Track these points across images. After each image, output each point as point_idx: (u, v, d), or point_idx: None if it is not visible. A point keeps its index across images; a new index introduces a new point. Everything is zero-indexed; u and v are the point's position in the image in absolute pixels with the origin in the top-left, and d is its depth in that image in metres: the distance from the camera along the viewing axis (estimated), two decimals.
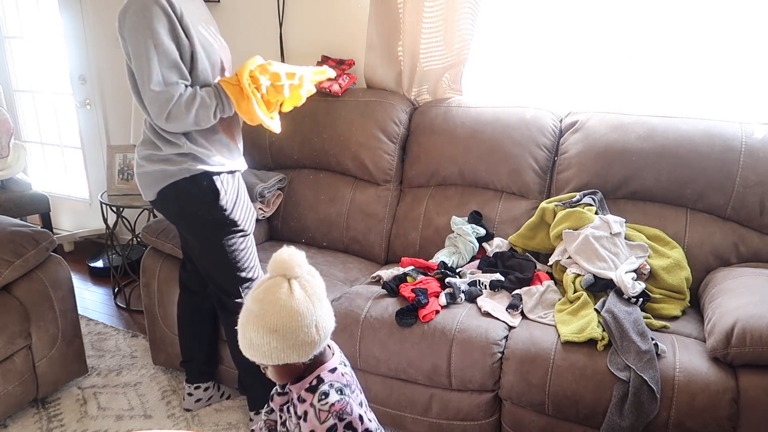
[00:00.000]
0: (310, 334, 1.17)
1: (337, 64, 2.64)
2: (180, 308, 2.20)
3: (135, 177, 1.93)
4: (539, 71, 2.54)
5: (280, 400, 1.30)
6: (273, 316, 1.15)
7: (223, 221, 1.86)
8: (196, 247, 1.96)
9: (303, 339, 1.17)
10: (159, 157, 1.81)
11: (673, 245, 2.06)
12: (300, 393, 1.21)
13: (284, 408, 1.30)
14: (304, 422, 1.18)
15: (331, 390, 1.19)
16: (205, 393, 2.23)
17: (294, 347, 1.16)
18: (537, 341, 1.78)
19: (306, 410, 1.19)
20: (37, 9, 3.60)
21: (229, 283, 1.94)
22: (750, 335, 1.57)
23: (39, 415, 2.20)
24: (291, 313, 1.16)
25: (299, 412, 1.20)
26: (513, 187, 2.35)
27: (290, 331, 1.15)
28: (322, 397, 1.18)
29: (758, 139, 2.05)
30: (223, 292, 1.97)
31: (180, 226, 1.97)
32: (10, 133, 3.28)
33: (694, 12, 2.24)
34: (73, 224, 3.95)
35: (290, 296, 1.16)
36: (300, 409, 1.20)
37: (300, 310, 1.16)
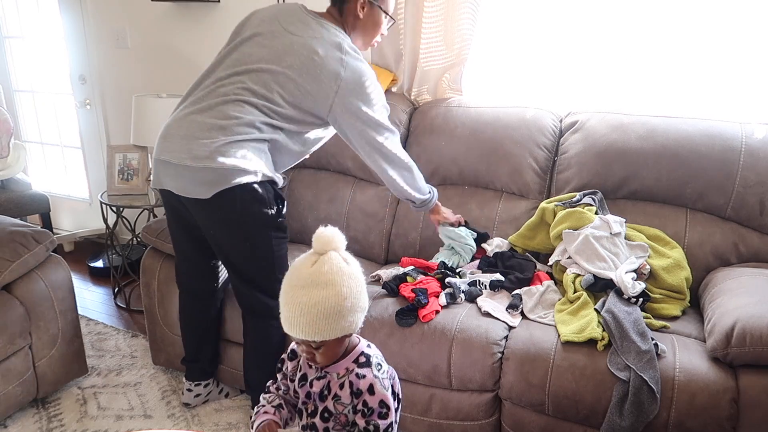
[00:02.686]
0: (366, 299, 1.25)
1: None
2: (181, 310, 2.18)
3: (179, 170, 1.77)
4: (539, 71, 2.54)
5: (319, 384, 1.29)
6: (341, 285, 1.19)
7: (279, 226, 1.90)
8: (241, 250, 1.89)
9: (363, 304, 1.23)
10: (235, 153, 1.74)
11: (673, 245, 2.06)
12: (355, 370, 1.26)
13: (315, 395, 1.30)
14: (370, 395, 1.24)
15: (382, 361, 1.30)
16: (205, 389, 2.23)
17: (359, 312, 1.22)
18: (537, 341, 1.78)
19: (371, 383, 1.25)
20: (37, 9, 3.60)
21: (268, 281, 1.90)
22: (750, 335, 1.57)
23: (39, 415, 2.20)
24: (354, 278, 1.22)
25: (362, 387, 1.25)
26: (513, 187, 2.35)
27: (356, 296, 1.21)
28: (379, 368, 1.28)
29: (758, 139, 2.05)
30: (258, 290, 1.93)
31: (230, 229, 1.85)
32: (10, 133, 3.28)
33: (694, 12, 2.24)
34: (73, 224, 3.96)
35: (347, 264, 1.23)
36: (363, 384, 1.25)
37: (358, 275, 1.23)
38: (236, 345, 2.18)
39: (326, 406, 1.28)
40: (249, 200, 1.80)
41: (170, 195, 1.86)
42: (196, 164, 1.74)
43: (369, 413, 1.25)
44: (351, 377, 1.26)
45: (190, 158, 1.74)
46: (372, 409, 1.25)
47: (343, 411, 1.27)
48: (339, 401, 1.27)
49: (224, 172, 1.74)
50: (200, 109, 1.80)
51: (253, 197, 1.80)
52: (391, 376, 1.32)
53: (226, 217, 1.82)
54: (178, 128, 1.81)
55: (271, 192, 1.86)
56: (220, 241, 1.90)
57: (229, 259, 1.94)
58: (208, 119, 1.77)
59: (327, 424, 1.28)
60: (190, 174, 1.76)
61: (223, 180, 1.74)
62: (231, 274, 1.98)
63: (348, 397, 1.26)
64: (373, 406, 1.25)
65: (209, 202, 1.77)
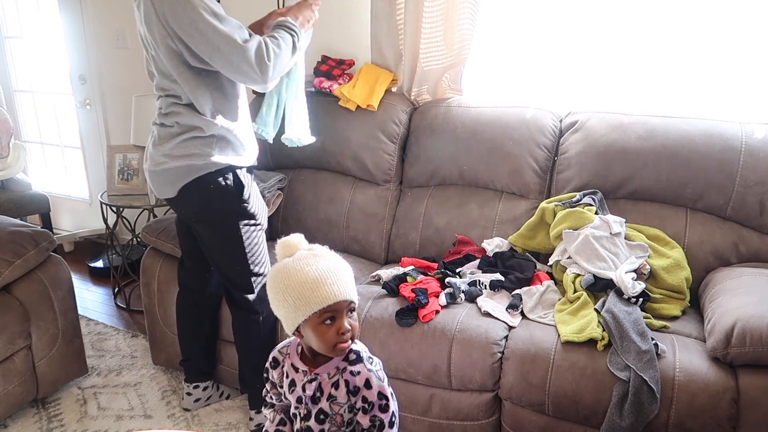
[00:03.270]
0: None
1: (337, 64, 2.64)
2: (179, 306, 2.20)
3: (150, 176, 1.93)
4: (539, 71, 2.54)
5: (311, 387, 1.27)
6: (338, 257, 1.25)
7: (245, 214, 1.93)
8: (213, 241, 1.97)
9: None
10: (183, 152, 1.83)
11: (673, 245, 2.06)
12: (347, 368, 1.26)
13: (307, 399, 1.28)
14: (368, 389, 1.25)
15: (371, 355, 1.30)
16: (204, 393, 2.23)
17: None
18: (537, 341, 1.78)
19: (367, 377, 1.25)
20: (37, 9, 3.60)
21: (242, 277, 1.97)
22: (750, 335, 1.57)
23: (39, 415, 2.20)
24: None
25: (359, 383, 1.25)
26: (513, 187, 2.35)
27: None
28: (371, 361, 1.28)
29: (758, 139, 2.05)
30: (235, 287, 2.00)
31: (199, 221, 1.96)
32: (10, 133, 3.28)
33: (694, 12, 2.24)
34: (73, 224, 3.95)
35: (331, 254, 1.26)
36: (359, 380, 1.25)
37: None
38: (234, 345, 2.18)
39: (321, 407, 1.27)
40: (208, 192, 1.87)
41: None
42: (157, 168, 1.88)
43: (370, 408, 1.25)
44: (345, 376, 1.26)
45: (153, 164, 1.90)
46: (372, 403, 1.25)
47: (339, 411, 1.26)
48: (335, 401, 1.26)
49: (179, 170, 1.85)
50: (155, 121, 1.93)
51: (211, 188, 1.87)
52: (383, 367, 1.33)
53: (193, 211, 1.95)
54: (149, 140, 1.96)
55: (230, 179, 1.89)
56: (200, 235, 2.01)
57: (209, 253, 2.02)
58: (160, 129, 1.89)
59: (323, 426, 1.27)
60: (156, 178, 1.92)
61: (180, 177, 1.85)
62: (215, 269, 2.06)
63: (344, 396, 1.25)
64: (372, 400, 1.25)
65: (177, 199, 1.91)
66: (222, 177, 1.87)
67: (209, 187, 1.86)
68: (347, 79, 2.58)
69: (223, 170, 1.87)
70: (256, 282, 1.99)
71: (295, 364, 1.31)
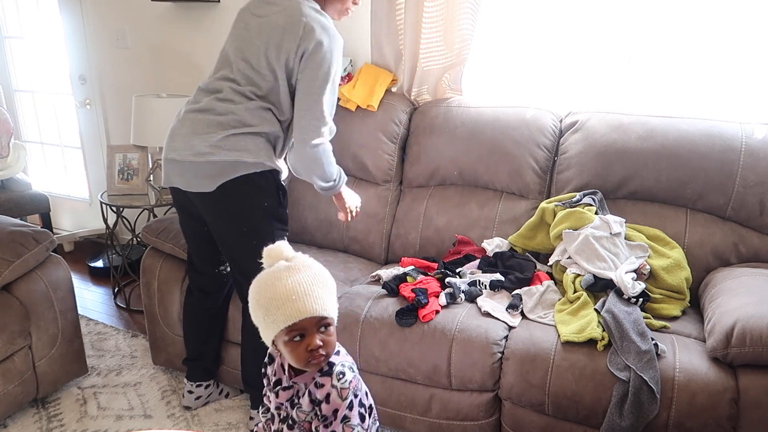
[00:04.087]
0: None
1: None
2: (190, 310, 2.18)
3: (183, 166, 1.84)
4: (539, 71, 2.54)
5: (285, 394, 1.29)
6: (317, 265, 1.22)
7: (281, 217, 1.94)
8: (241, 241, 1.91)
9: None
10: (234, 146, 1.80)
11: (673, 245, 2.06)
12: (316, 379, 1.23)
13: (286, 403, 1.30)
14: (326, 404, 1.22)
15: (346, 369, 1.24)
16: (206, 391, 2.23)
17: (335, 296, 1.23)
18: (537, 341, 1.78)
19: (328, 392, 1.22)
20: (37, 9, 3.60)
21: None
22: (750, 335, 1.57)
23: (39, 415, 2.20)
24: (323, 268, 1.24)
25: (320, 396, 1.22)
26: (513, 187, 2.35)
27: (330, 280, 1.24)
28: (341, 377, 1.23)
29: (758, 139, 2.05)
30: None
31: (232, 220, 1.90)
32: (10, 133, 3.28)
33: (693, 12, 2.24)
34: (73, 224, 3.96)
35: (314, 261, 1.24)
36: (320, 393, 1.22)
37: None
38: (237, 345, 2.18)
39: (285, 415, 1.28)
40: (250, 191, 1.85)
41: (180, 192, 1.94)
42: (199, 159, 1.82)
43: (330, 423, 1.22)
44: (311, 387, 1.24)
45: (192, 154, 1.83)
46: (326, 417, 1.22)
47: (305, 419, 1.25)
48: (300, 409, 1.25)
49: (225, 165, 1.81)
50: (198, 108, 1.88)
51: (255, 188, 1.85)
52: (357, 387, 1.26)
53: (229, 208, 1.88)
54: (180, 127, 1.89)
55: (272, 182, 1.90)
56: (223, 234, 1.95)
57: (231, 251, 1.98)
58: (206, 116, 1.85)
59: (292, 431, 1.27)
60: (193, 169, 1.84)
61: (225, 172, 1.81)
62: (233, 267, 2.02)
63: (308, 405, 1.24)
64: (327, 414, 1.22)
65: (213, 194, 1.84)
66: (266, 179, 1.87)
67: (255, 187, 1.85)
68: (347, 79, 2.59)
69: (268, 173, 1.87)
70: None
71: (284, 364, 1.30)
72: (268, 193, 1.88)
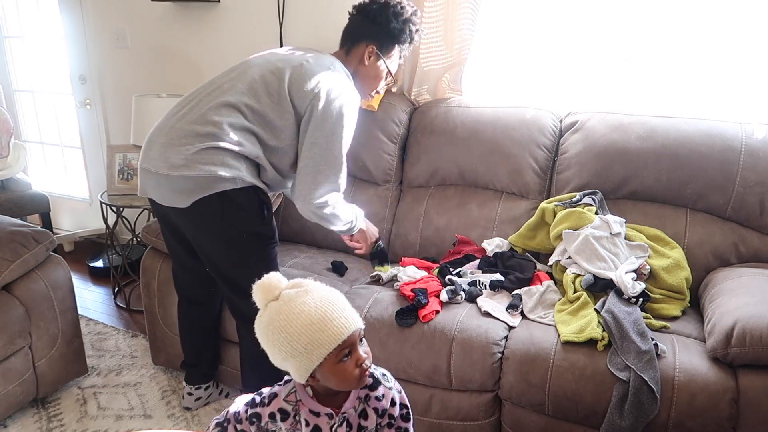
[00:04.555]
0: None
1: None
2: (184, 318, 2.16)
3: (157, 179, 1.74)
4: (539, 71, 2.54)
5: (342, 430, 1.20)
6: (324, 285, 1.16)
7: (265, 233, 1.85)
8: (226, 257, 1.84)
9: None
10: (210, 160, 1.69)
11: (673, 245, 2.06)
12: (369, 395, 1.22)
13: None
14: (393, 407, 1.22)
15: (377, 370, 1.25)
16: (206, 392, 2.23)
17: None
18: (537, 341, 1.78)
19: (392, 397, 1.23)
20: (37, 9, 3.60)
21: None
22: (750, 335, 1.57)
23: (39, 415, 2.20)
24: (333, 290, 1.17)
25: (386, 405, 1.22)
26: (513, 187, 2.35)
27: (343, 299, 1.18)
28: (385, 378, 1.24)
29: (758, 139, 2.05)
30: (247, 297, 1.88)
31: (212, 237, 1.81)
32: (10, 133, 3.28)
33: (693, 12, 2.24)
34: (73, 224, 3.96)
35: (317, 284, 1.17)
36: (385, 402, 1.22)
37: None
38: (236, 345, 2.18)
39: None
40: (230, 208, 1.75)
41: (157, 204, 1.85)
42: (173, 173, 1.71)
43: (394, 421, 1.23)
44: (372, 404, 1.20)
45: (167, 167, 1.72)
46: (396, 417, 1.23)
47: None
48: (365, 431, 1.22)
49: (201, 180, 1.70)
50: (182, 115, 1.79)
51: (235, 205, 1.75)
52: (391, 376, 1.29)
53: (209, 226, 1.79)
54: (158, 136, 1.79)
55: (255, 199, 1.80)
56: (206, 250, 1.87)
57: (216, 267, 1.90)
58: (186, 125, 1.75)
59: None
60: (167, 183, 1.73)
61: (201, 188, 1.71)
62: (219, 282, 1.94)
63: (374, 422, 1.21)
64: (396, 414, 1.23)
65: (189, 210, 1.74)
66: (246, 195, 1.76)
67: (233, 204, 1.74)
68: None
69: (248, 189, 1.77)
70: None
71: (314, 409, 1.19)
72: (249, 211, 1.78)
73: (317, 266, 2.31)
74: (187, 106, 1.81)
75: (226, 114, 1.75)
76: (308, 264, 2.32)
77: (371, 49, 1.98)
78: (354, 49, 1.99)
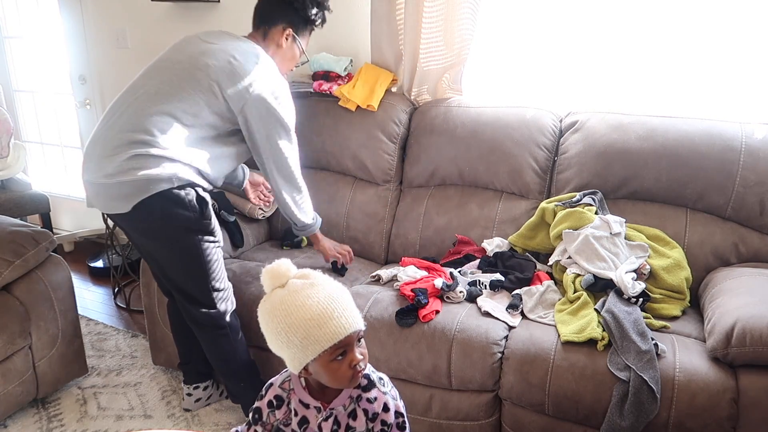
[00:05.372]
0: None
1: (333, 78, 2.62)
2: (171, 315, 2.18)
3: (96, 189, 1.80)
4: (539, 71, 2.54)
5: (328, 425, 1.22)
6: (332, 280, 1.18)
7: (206, 231, 1.87)
8: (172, 259, 1.89)
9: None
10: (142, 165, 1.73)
11: (673, 245, 2.06)
12: (362, 396, 1.21)
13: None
14: (386, 413, 1.22)
15: (375, 374, 1.25)
16: (205, 392, 2.23)
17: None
18: (537, 341, 1.78)
19: (384, 401, 1.22)
20: (37, 9, 3.60)
21: (202, 293, 1.91)
22: (750, 335, 1.57)
23: (39, 415, 2.20)
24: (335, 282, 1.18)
25: (377, 408, 1.21)
26: (513, 187, 2.35)
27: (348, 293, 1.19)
28: (382, 382, 1.24)
29: (758, 139, 2.05)
30: (197, 304, 1.92)
31: (155, 238, 1.87)
32: (10, 133, 3.28)
33: (694, 12, 2.24)
34: (73, 224, 3.96)
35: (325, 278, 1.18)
36: (377, 406, 1.21)
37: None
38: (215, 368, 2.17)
39: None
40: (168, 206, 1.78)
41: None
42: (110, 180, 1.76)
43: (389, 429, 1.22)
44: (362, 405, 1.21)
45: (104, 176, 1.77)
46: (390, 424, 1.22)
47: None
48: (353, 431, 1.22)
49: (138, 183, 1.74)
50: (111, 124, 1.82)
51: (173, 202, 1.79)
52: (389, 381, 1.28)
53: (149, 227, 1.83)
54: (94, 147, 1.83)
55: (192, 195, 1.83)
56: (152, 254, 1.91)
57: (164, 272, 1.94)
58: (117, 134, 1.79)
59: None
60: (105, 191, 1.79)
61: (139, 191, 1.75)
62: (173, 289, 1.97)
63: (363, 424, 1.21)
64: (390, 422, 1.22)
65: (130, 215, 1.78)
66: (185, 193, 1.80)
67: (171, 202, 1.78)
68: (347, 79, 2.59)
69: (186, 186, 1.81)
70: (217, 297, 1.93)
71: (303, 400, 1.23)
72: (186, 206, 1.81)
73: (317, 266, 2.30)
74: (116, 114, 1.83)
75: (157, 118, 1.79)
76: (308, 264, 2.32)
77: (288, 33, 2.04)
78: (271, 33, 2.04)
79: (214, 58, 1.86)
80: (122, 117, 1.81)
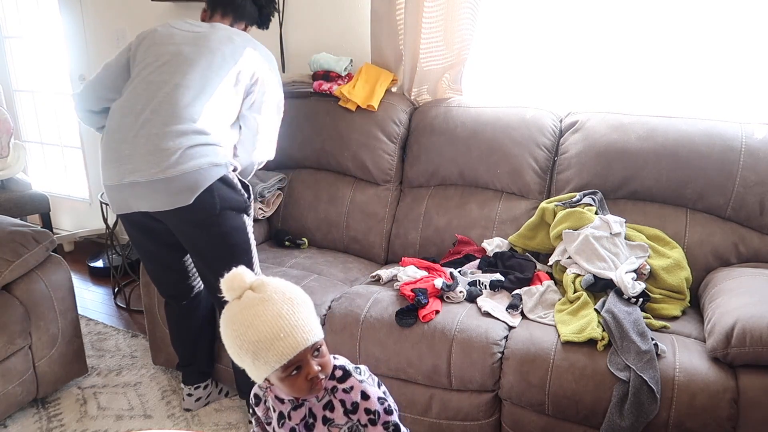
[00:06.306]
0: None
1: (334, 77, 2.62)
2: (172, 319, 2.17)
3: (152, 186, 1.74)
4: (539, 71, 2.54)
5: (298, 414, 1.22)
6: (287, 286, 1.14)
7: (249, 211, 1.95)
8: (220, 246, 1.87)
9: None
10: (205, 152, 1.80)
11: (673, 245, 2.06)
12: (337, 387, 1.20)
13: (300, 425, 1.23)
14: (366, 400, 1.20)
15: (350, 364, 1.23)
16: (205, 391, 2.23)
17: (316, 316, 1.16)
18: (537, 341, 1.78)
19: (361, 390, 1.20)
20: (37, 9, 3.60)
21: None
22: (750, 335, 1.57)
23: (39, 415, 2.20)
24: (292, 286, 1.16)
25: (355, 398, 1.19)
26: (513, 187, 2.35)
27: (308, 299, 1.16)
28: (358, 371, 1.23)
29: (758, 139, 2.05)
30: None
31: (213, 225, 1.84)
32: (10, 133, 3.28)
33: (694, 12, 2.24)
34: (73, 224, 3.96)
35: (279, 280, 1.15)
36: (354, 395, 1.19)
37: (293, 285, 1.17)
38: None
39: None
40: (224, 192, 1.84)
41: (139, 216, 1.85)
42: (171, 174, 1.74)
43: (377, 417, 1.20)
44: (339, 396, 1.19)
45: (161, 171, 1.74)
46: (377, 411, 1.20)
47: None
48: (332, 424, 1.20)
49: (203, 172, 1.78)
50: (148, 120, 1.79)
51: (228, 187, 1.86)
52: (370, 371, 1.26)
53: (209, 216, 1.83)
54: (134, 147, 1.78)
55: (237, 177, 1.91)
56: (199, 242, 1.89)
57: (205, 257, 1.92)
58: (162, 127, 1.77)
59: None
60: (164, 186, 1.75)
61: (204, 179, 1.78)
62: (206, 272, 1.95)
63: (342, 417, 1.19)
64: (375, 408, 1.20)
65: (191, 207, 1.78)
66: (231, 175, 1.89)
67: (227, 187, 1.85)
68: (347, 79, 2.59)
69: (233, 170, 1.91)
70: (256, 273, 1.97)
71: (279, 395, 1.23)
72: (236, 190, 1.88)
73: (317, 266, 2.31)
74: (146, 111, 1.79)
75: (198, 108, 1.83)
76: (308, 264, 2.32)
77: (247, 30, 2.13)
78: (235, 26, 2.09)
79: (232, 45, 1.93)
80: (159, 112, 1.79)
